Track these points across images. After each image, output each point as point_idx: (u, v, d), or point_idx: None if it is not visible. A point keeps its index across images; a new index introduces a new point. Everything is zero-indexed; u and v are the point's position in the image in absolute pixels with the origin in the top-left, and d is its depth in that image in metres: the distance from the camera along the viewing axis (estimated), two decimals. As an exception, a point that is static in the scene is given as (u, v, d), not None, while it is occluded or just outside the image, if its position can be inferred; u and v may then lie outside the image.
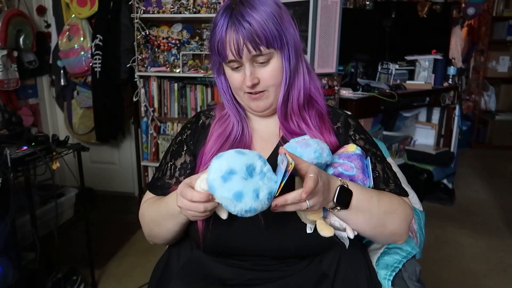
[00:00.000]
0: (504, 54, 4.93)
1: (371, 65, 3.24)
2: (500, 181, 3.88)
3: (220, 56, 0.90)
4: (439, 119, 3.47)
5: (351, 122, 1.01)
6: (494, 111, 5.03)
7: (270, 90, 0.93)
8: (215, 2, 2.53)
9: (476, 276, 2.35)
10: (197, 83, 2.71)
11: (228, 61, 0.90)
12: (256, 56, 0.88)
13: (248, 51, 0.86)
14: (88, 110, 3.10)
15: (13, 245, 1.67)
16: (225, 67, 0.94)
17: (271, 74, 0.90)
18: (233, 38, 0.86)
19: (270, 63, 0.90)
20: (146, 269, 2.26)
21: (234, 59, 0.88)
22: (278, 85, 0.93)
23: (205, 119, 1.05)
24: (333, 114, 1.02)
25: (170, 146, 1.05)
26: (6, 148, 1.64)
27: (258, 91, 0.92)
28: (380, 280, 0.99)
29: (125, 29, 2.75)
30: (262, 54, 0.87)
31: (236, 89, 0.95)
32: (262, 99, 0.94)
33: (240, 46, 0.86)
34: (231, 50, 0.87)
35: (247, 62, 0.89)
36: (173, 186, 0.99)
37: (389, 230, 0.91)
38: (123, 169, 3.41)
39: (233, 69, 0.92)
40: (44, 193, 2.03)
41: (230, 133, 0.99)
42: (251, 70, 0.89)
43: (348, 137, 0.98)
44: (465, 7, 3.42)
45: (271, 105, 0.95)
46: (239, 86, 0.93)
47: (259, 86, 0.92)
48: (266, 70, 0.90)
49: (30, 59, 2.86)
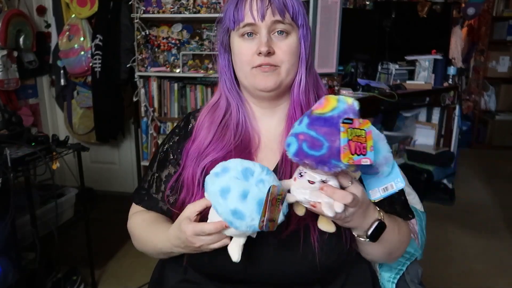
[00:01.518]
0: (504, 54, 4.93)
1: (371, 65, 3.24)
2: (500, 181, 3.88)
3: (233, 19, 0.82)
4: (439, 119, 3.47)
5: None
6: (494, 111, 5.03)
7: (283, 67, 0.83)
8: (215, 2, 2.53)
9: (476, 276, 2.35)
10: (197, 83, 2.70)
11: (243, 25, 0.81)
12: (277, 23, 0.81)
13: (272, 13, 0.80)
14: (88, 110, 3.10)
15: (13, 245, 1.67)
16: (233, 38, 0.85)
17: (287, 48, 0.82)
18: (257, 0, 0.80)
19: (288, 37, 0.83)
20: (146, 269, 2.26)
21: (252, 22, 0.80)
22: (292, 65, 0.84)
23: (194, 123, 0.94)
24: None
25: (157, 153, 0.98)
26: (6, 148, 1.64)
27: (271, 64, 0.82)
28: (384, 283, 0.99)
29: (125, 29, 2.75)
30: (284, 22, 0.81)
31: (245, 63, 0.84)
32: (272, 75, 0.83)
33: (264, 7, 0.79)
34: (252, 10, 0.80)
35: (264, 29, 0.81)
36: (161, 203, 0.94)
37: (392, 258, 0.91)
38: (123, 169, 3.40)
39: (244, 38, 0.83)
40: (44, 193, 2.03)
41: (224, 117, 0.90)
42: (267, 38, 0.81)
43: None
44: (465, 7, 3.42)
45: (280, 85, 0.84)
46: (249, 57, 0.83)
47: (273, 59, 0.82)
48: (283, 43, 0.82)
49: (30, 59, 2.86)
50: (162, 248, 0.86)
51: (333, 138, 0.63)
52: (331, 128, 0.64)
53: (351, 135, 0.62)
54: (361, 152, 0.62)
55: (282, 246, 0.80)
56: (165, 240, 0.83)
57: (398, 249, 0.89)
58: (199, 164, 0.85)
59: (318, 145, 0.64)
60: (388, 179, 0.71)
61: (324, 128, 0.64)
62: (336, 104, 0.65)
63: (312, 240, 0.79)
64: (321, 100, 0.67)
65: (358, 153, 0.62)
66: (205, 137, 0.88)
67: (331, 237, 0.79)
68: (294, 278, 0.82)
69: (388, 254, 0.88)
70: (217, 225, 0.70)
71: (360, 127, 0.63)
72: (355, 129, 0.62)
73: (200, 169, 0.85)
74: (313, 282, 0.85)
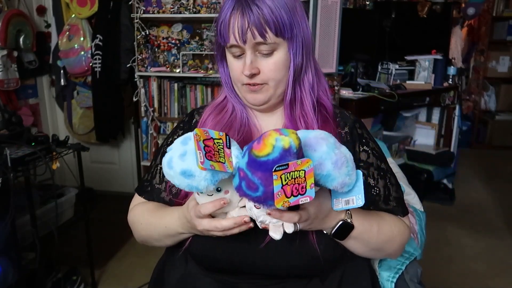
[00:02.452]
0: (504, 54, 4.93)
1: (371, 65, 3.24)
2: (500, 181, 3.88)
3: (222, 39, 0.84)
4: (439, 119, 3.47)
5: (358, 130, 0.93)
6: (494, 111, 5.03)
7: (270, 83, 0.85)
8: (215, 2, 2.53)
9: (476, 276, 2.35)
10: (197, 83, 2.71)
11: (229, 45, 0.84)
12: (260, 44, 0.81)
13: (253, 36, 0.80)
14: (88, 110, 3.10)
15: (13, 245, 1.67)
16: (227, 54, 0.88)
17: (273, 66, 0.84)
18: (238, 21, 0.80)
19: (273, 54, 0.83)
20: (146, 269, 2.26)
21: (236, 44, 0.82)
22: (279, 80, 0.86)
23: (198, 118, 0.97)
24: (340, 117, 0.94)
25: (161, 147, 1.00)
26: (6, 148, 1.64)
27: (257, 83, 0.85)
28: (383, 282, 0.99)
29: (125, 29, 2.75)
30: (267, 43, 0.81)
31: (235, 79, 0.88)
32: (261, 92, 0.86)
33: (244, 30, 0.80)
34: (234, 33, 0.81)
35: (249, 50, 0.82)
36: (163, 193, 0.95)
37: (385, 254, 0.92)
38: (123, 169, 3.41)
39: (234, 57, 0.85)
40: (44, 193, 2.03)
41: (230, 116, 0.93)
42: (251, 59, 0.83)
43: (353, 149, 0.90)
44: (465, 7, 3.42)
45: (270, 99, 0.87)
46: (238, 75, 0.86)
47: (258, 78, 0.84)
48: (268, 62, 0.84)
49: (30, 59, 2.86)
50: (172, 229, 0.87)
51: (268, 183, 0.62)
52: (265, 173, 0.62)
53: (286, 180, 0.62)
54: (299, 192, 0.62)
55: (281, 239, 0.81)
56: (173, 219, 0.85)
57: (386, 245, 0.88)
58: None
59: (254, 187, 0.64)
60: (350, 194, 0.73)
61: (259, 173, 0.63)
62: (271, 150, 0.62)
63: (310, 233, 0.81)
64: (260, 137, 0.65)
65: (295, 194, 0.62)
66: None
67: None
68: (294, 270, 0.83)
69: (376, 250, 0.88)
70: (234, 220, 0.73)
71: (298, 168, 0.61)
72: (291, 172, 0.62)
73: None
74: (312, 274, 0.86)
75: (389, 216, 0.90)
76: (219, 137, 0.66)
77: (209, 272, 0.89)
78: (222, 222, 0.74)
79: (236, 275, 0.86)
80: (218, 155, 0.66)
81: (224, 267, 0.86)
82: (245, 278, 0.86)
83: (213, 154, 0.66)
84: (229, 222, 0.73)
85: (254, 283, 0.86)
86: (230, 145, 0.68)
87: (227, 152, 0.67)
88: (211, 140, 0.66)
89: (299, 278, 0.86)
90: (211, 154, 0.65)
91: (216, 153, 0.66)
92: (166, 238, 0.90)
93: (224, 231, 0.75)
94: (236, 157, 0.69)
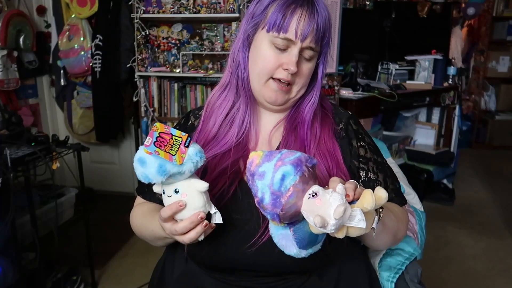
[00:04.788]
0: (504, 54, 4.93)
1: (371, 65, 3.24)
2: (500, 181, 3.88)
3: (275, 25, 0.81)
4: (439, 119, 3.47)
5: (353, 126, 0.95)
6: (494, 111, 5.03)
7: (295, 87, 0.87)
8: (215, 2, 2.53)
9: (476, 276, 2.35)
10: (197, 83, 2.70)
11: (282, 37, 0.81)
12: (307, 49, 0.83)
13: (313, 39, 0.82)
14: (88, 110, 3.10)
15: (13, 245, 1.67)
16: (262, 39, 0.85)
17: (307, 72, 0.86)
18: (305, 18, 0.80)
19: (311, 61, 0.86)
20: (146, 269, 2.26)
21: (293, 39, 0.81)
22: (303, 87, 0.88)
23: (194, 120, 0.98)
24: (335, 113, 0.96)
25: None
26: (6, 148, 1.64)
27: (289, 82, 0.85)
28: (383, 282, 0.99)
29: (125, 29, 2.75)
30: (314, 49, 0.84)
31: (265, 70, 0.85)
32: (286, 93, 0.87)
33: (309, 29, 0.80)
34: (297, 28, 0.80)
35: (297, 48, 0.82)
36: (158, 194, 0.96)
37: (399, 238, 0.93)
38: (123, 169, 3.41)
39: (273, 48, 0.83)
40: (44, 193, 2.03)
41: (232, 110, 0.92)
42: (297, 57, 0.83)
43: (349, 145, 0.92)
44: (465, 7, 3.42)
45: (288, 101, 0.89)
46: (271, 67, 0.84)
47: (293, 78, 0.85)
48: (306, 66, 0.85)
49: (30, 59, 2.86)
50: (157, 233, 0.87)
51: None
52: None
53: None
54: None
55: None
56: (158, 224, 0.84)
57: (400, 230, 0.90)
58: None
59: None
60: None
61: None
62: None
63: None
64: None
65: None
66: (210, 130, 0.91)
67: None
68: (292, 266, 0.83)
69: (394, 236, 0.89)
70: (172, 210, 0.72)
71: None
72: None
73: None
74: (310, 270, 0.87)
75: (391, 204, 0.92)
76: (180, 136, 0.70)
77: (208, 270, 0.89)
78: (179, 224, 0.73)
79: (235, 273, 0.87)
80: (170, 148, 0.69)
81: (223, 266, 0.86)
82: (245, 276, 0.86)
83: (164, 145, 0.69)
84: (184, 223, 0.72)
85: (254, 280, 0.86)
86: (189, 145, 0.70)
87: (182, 149, 0.70)
88: (169, 135, 0.70)
89: (298, 275, 0.86)
90: (162, 144, 0.69)
91: (169, 146, 0.69)
92: (157, 240, 0.91)
93: (186, 235, 0.73)
94: (191, 158, 0.70)
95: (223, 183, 0.85)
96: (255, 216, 0.82)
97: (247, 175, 0.69)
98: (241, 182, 0.86)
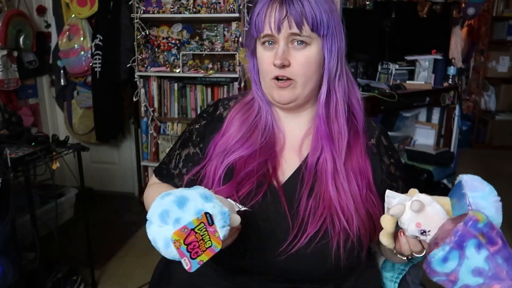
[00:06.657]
0: (504, 54, 4.93)
1: (371, 65, 3.24)
2: (500, 181, 3.88)
3: (255, 29, 0.83)
4: (439, 119, 3.46)
5: (384, 141, 0.92)
6: (494, 111, 5.03)
7: (299, 81, 0.82)
8: (215, 2, 2.53)
9: (476, 276, 2.35)
10: (197, 83, 2.71)
11: (263, 35, 0.82)
12: (294, 35, 0.80)
13: (289, 26, 0.79)
14: (88, 110, 3.10)
15: (13, 245, 1.67)
16: (258, 47, 0.86)
17: (304, 60, 0.81)
18: (276, 10, 0.80)
19: (306, 48, 0.81)
20: (146, 269, 2.26)
21: (270, 33, 0.80)
22: (309, 78, 0.83)
23: (222, 111, 0.96)
24: (367, 127, 0.92)
25: (183, 133, 1.02)
26: (6, 148, 1.64)
27: (286, 78, 0.82)
28: (386, 283, 0.99)
29: (125, 29, 2.75)
30: (301, 35, 0.80)
31: (264, 72, 0.85)
32: (288, 89, 0.83)
33: (281, 19, 0.79)
34: (270, 22, 0.80)
35: (282, 40, 0.81)
36: (176, 179, 0.96)
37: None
38: (123, 169, 3.40)
39: (265, 48, 0.84)
40: (44, 193, 2.03)
41: (256, 117, 0.92)
42: (284, 49, 0.80)
43: (380, 161, 0.89)
44: (465, 7, 3.42)
45: (296, 98, 0.85)
46: (267, 67, 0.83)
47: (288, 71, 0.81)
48: (300, 55, 0.81)
49: (30, 59, 2.86)
50: None
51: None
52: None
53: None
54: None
55: (304, 245, 0.80)
56: None
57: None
58: (224, 160, 0.88)
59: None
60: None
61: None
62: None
63: (332, 241, 0.80)
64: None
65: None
66: (234, 134, 0.90)
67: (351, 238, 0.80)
68: (312, 276, 0.82)
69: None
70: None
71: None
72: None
73: (224, 165, 0.87)
74: (327, 280, 0.85)
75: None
76: (199, 222, 0.64)
77: (221, 271, 0.88)
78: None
79: (248, 275, 0.85)
80: (203, 243, 0.64)
81: (237, 267, 0.85)
82: (257, 280, 0.85)
83: (198, 247, 0.64)
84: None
85: (265, 285, 0.85)
86: (213, 221, 0.65)
87: (211, 230, 0.64)
88: (191, 233, 0.63)
89: (311, 284, 0.84)
90: (196, 249, 0.64)
91: (201, 241, 0.64)
92: None
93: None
94: (222, 229, 0.65)
95: (251, 185, 0.84)
96: (283, 223, 0.81)
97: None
98: (270, 186, 0.85)
